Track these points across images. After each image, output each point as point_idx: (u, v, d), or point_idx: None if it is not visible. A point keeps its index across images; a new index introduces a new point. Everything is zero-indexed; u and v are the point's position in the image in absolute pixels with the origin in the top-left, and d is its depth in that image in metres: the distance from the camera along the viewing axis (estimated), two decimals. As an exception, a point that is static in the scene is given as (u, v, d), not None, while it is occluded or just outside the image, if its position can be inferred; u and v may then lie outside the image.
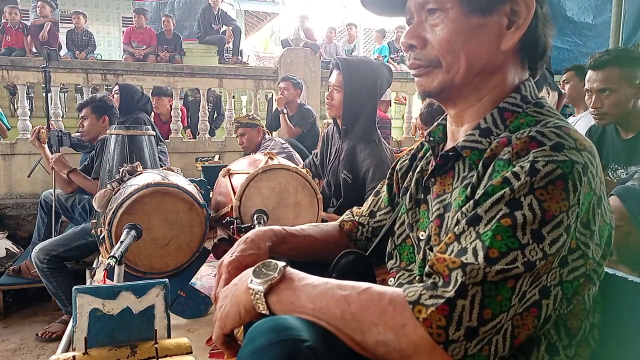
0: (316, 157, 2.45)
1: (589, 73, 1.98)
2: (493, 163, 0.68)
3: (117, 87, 3.31)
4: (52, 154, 3.01)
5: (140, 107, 3.28)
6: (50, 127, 3.42)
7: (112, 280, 1.19)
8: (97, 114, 2.98)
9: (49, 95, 3.74)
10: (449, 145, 0.84)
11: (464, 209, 0.67)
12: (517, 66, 0.78)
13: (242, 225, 1.58)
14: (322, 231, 1.04)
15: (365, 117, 2.02)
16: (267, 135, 3.42)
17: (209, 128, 5.12)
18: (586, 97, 2.03)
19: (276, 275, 0.67)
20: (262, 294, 0.67)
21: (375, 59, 4.64)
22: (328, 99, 2.06)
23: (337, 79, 2.01)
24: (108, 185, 1.65)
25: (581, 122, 2.99)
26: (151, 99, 4.86)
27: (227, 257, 0.86)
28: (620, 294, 0.77)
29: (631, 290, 0.76)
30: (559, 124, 0.68)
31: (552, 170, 0.61)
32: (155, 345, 0.90)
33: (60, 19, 7.01)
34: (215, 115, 6.14)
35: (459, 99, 0.79)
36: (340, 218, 1.10)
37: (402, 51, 7.72)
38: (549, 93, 3.21)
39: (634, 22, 3.52)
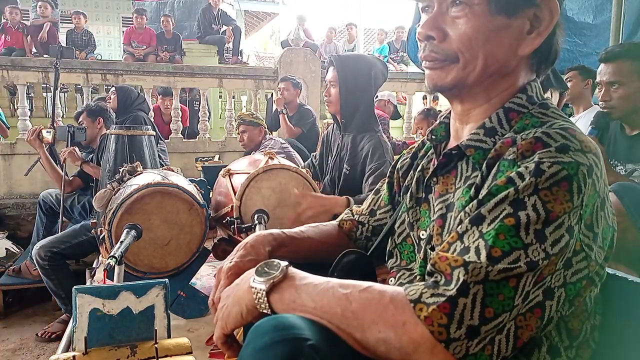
0: (315, 158, 2.47)
1: (600, 66, 1.96)
2: (497, 163, 0.68)
3: (113, 89, 3.36)
4: (59, 149, 3.16)
5: (137, 106, 3.33)
6: (55, 123, 3.48)
7: (112, 280, 1.19)
8: (91, 117, 3.20)
9: (56, 92, 3.74)
10: (452, 143, 0.83)
11: (467, 208, 0.67)
12: (528, 70, 0.78)
13: (243, 225, 1.58)
14: (322, 232, 1.04)
15: (363, 109, 2.08)
16: (267, 135, 3.42)
17: (209, 128, 5.11)
18: (597, 90, 2.01)
19: (278, 274, 0.67)
20: (264, 292, 0.67)
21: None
22: (326, 96, 2.15)
23: (333, 75, 2.09)
24: (108, 185, 1.65)
25: (581, 122, 2.98)
26: (160, 100, 4.95)
27: (226, 263, 0.86)
28: (620, 294, 0.77)
29: (631, 290, 0.76)
30: (565, 125, 0.67)
31: (557, 172, 0.61)
32: (155, 345, 0.90)
33: (60, 19, 7.02)
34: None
35: (467, 97, 0.78)
36: (340, 217, 1.10)
37: (402, 51, 7.72)
38: (552, 94, 3.21)
39: (634, 22, 3.51)
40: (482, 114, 0.77)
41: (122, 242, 1.25)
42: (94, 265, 2.60)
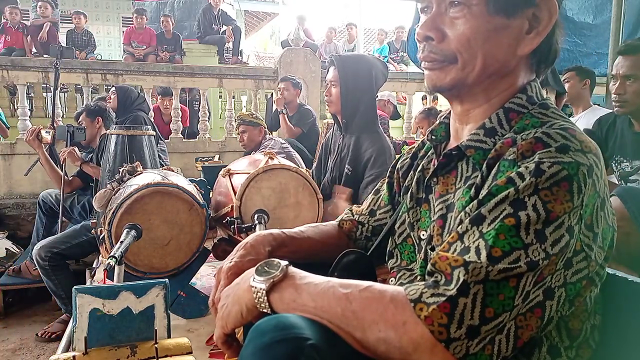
0: (314, 162, 2.47)
1: (617, 58, 1.94)
2: (498, 163, 0.68)
3: (113, 89, 3.37)
4: (59, 149, 3.19)
5: (137, 106, 3.35)
6: (55, 123, 3.50)
7: (112, 280, 1.19)
8: (91, 117, 3.22)
9: (56, 92, 3.75)
10: (452, 144, 0.83)
11: (467, 209, 0.67)
12: (527, 70, 0.78)
13: (243, 225, 1.58)
14: (322, 232, 1.04)
15: (364, 109, 2.08)
16: (267, 135, 3.42)
17: (209, 128, 5.11)
18: (611, 83, 1.99)
19: (278, 274, 0.67)
20: (264, 291, 0.67)
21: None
22: (327, 96, 2.15)
23: (333, 75, 2.09)
24: (108, 185, 1.65)
25: (580, 122, 2.98)
26: (160, 100, 4.95)
27: (226, 263, 0.86)
28: (620, 294, 0.77)
29: (631, 290, 0.76)
30: (565, 125, 0.68)
31: (557, 172, 0.61)
32: (155, 345, 0.90)
33: (60, 19, 7.02)
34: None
35: (467, 97, 0.78)
36: (340, 217, 1.10)
37: (402, 51, 7.71)
38: (546, 92, 3.21)
39: (634, 22, 3.52)
40: (481, 114, 0.77)
41: (122, 242, 1.25)
42: (94, 265, 2.60)
